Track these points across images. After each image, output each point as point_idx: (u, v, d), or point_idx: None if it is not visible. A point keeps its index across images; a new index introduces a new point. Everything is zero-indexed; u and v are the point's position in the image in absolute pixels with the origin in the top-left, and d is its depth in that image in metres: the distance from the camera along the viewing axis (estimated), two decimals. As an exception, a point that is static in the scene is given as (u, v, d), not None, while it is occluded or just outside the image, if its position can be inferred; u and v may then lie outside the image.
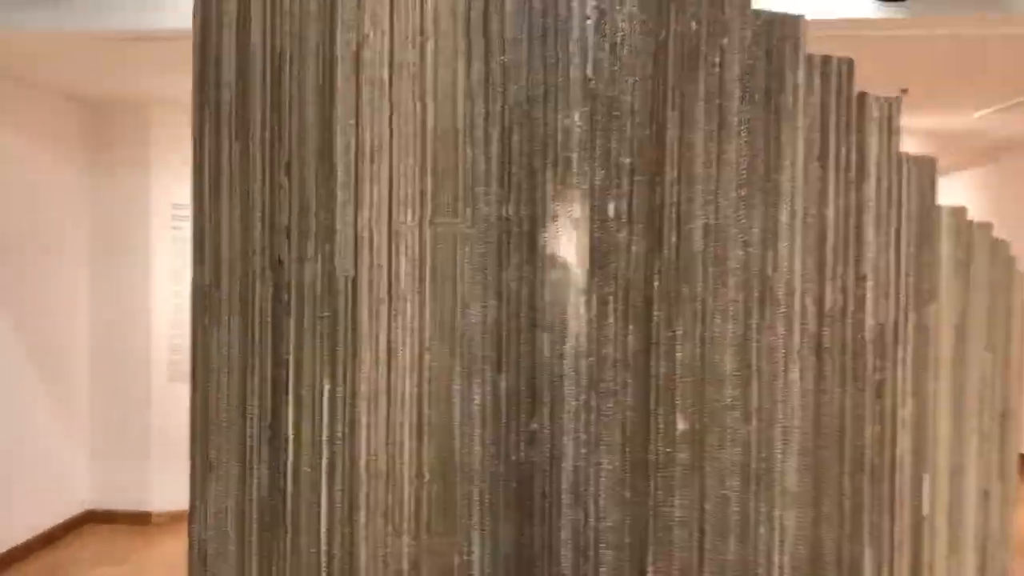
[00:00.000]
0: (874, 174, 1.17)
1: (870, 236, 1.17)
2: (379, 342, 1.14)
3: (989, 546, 1.33)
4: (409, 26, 1.13)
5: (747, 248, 1.13)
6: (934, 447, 1.23)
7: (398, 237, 1.13)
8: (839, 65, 1.15)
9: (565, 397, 1.11)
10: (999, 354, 1.34)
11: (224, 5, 1.18)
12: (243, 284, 1.18)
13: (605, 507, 1.11)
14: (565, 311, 1.11)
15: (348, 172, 1.14)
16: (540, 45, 1.11)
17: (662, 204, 1.11)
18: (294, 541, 1.17)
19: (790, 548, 1.14)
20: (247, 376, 1.18)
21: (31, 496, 4.91)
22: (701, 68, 1.11)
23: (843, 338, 1.16)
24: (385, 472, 1.14)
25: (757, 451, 1.13)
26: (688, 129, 1.11)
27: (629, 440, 1.11)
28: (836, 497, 1.16)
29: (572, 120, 1.10)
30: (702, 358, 1.12)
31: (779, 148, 1.13)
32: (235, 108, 1.18)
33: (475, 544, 1.12)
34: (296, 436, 1.16)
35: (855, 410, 1.17)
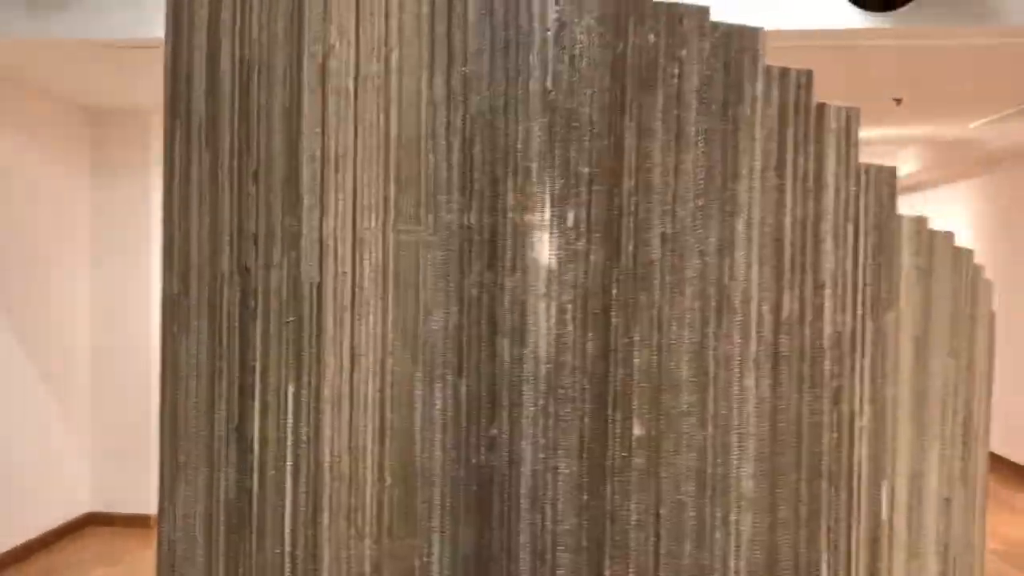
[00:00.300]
0: (832, 184, 1.19)
1: (828, 245, 1.19)
2: (343, 347, 1.16)
3: (952, 552, 1.35)
4: (374, 37, 1.15)
5: (704, 257, 1.15)
6: (893, 454, 1.24)
7: (362, 244, 1.15)
8: (798, 77, 1.17)
9: (524, 402, 1.13)
10: (962, 361, 1.35)
11: (195, 18, 1.21)
12: (211, 290, 1.20)
13: (562, 511, 1.13)
14: (525, 318, 1.13)
15: (314, 180, 1.16)
16: (502, 57, 1.13)
17: (620, 213, 1.13)
18: (259, 542, 1.19)
19: (746, 553, 1.16)
20: (215, 381, 1.21)
21: (32, 498, 4.95)
22: (659, 80, 1.13)
23: (800, 346, 1.18)
24: (348, 475, 1.16)
25: (713, 457, 1.15)
26: (646, 140, 1.13)
27: (586, 445, 1.13)
28: (793, 503, 1.18)
29: (532, 130, 1.12)
30: (659, 365, 1.14)
31: (736, 158, 1.15)
32: (205, 118, 1.20)
33: (435, 547, 1.14)
34: (262, 439, 1.18)
35: (812, 417, 1.18)
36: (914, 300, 1.26)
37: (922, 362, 1.28)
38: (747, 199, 1.15)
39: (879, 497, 1.24)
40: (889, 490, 1.24)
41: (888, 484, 1.24)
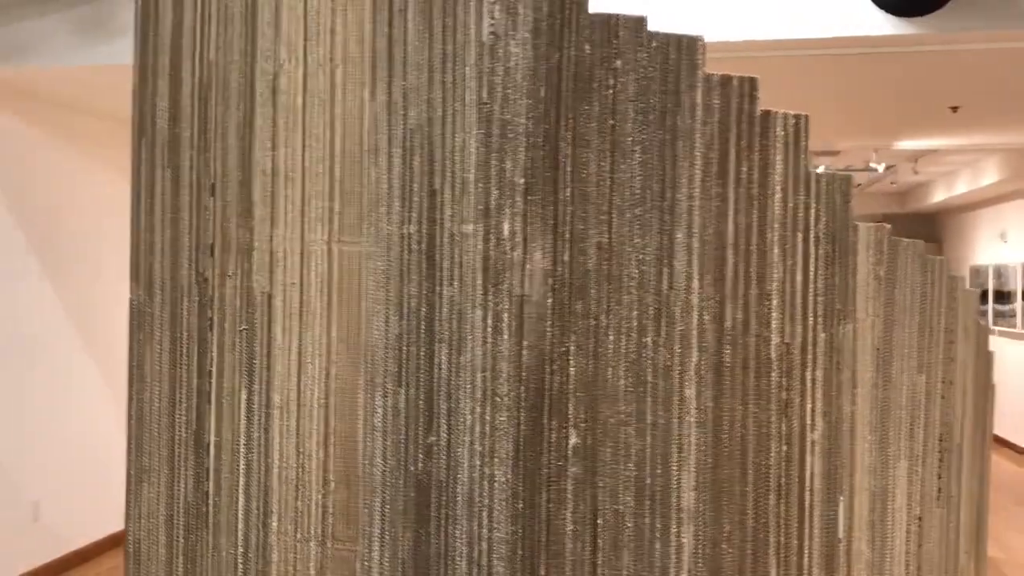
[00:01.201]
0: (779, 193, 1.17)
1: (775, 255, 1.17)
2: (291, 355, 1.20)
3: (925, 571, 1.30)
4: (321, 54, 1.19)
5: (641, 266, 1.14)
6: (851, 469, 1.21)
7: (309, 255, 1.19)
8: (740, 85, 1.16)
9: (461, 410, 1.14)
10: (936, 376, 1.30)
11: (159, 43, 1.26)
12: (173, 300, 1.26)
13: (498, 519, 1.13)
14: (462, 327, 1.14)
15: (265, 193, 1.21)
16: (440, 70, 1.15)
17: (556, 223, 1.13)
18: (215, 542, 1.23)
19: (688, 566, 1.14)
20: (176, 387, 1.25)
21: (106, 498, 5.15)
22: (595, 90, 1.13)
23: (745, 356, 1.16)
24: (295, 480, 1.19)
25: (652, 467, 1.14)
26: (582, 150, 1.14)
27: (522, 453, 1.13)
28: (738, 516, 1.16)
29: (468, 142, 1.14)
30: (595, 374, 1.13)
31: (675, 167, 1.14)
32: (168, 136, 1.26)
33: (375, 551, 1.16)
34: (217, 443, 1.23)
35: (759, 429, 1.16)
36: (875, 311, 1.23)
37: (885, 376, 1.24)
38: (687, 208, 1.15)
39: (835, 513, 1.20)
40: (846, 507, 1.21)
41: (845, 500, 1.21)
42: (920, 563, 1.29)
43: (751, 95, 1.16)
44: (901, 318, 1.25)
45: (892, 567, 1.25)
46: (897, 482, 1.26)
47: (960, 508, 1.39)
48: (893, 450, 1.25)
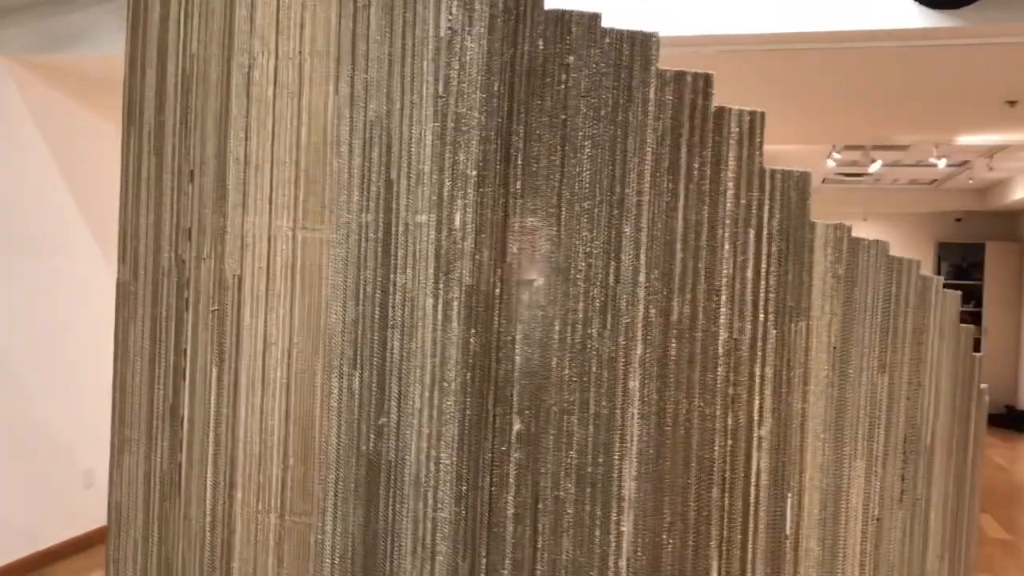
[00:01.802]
0: (731, 189, 1.17)
1: (726, 251, 1.18)
2: (257, 336, 1.25)
3: (883, 573, 1.29)
4: (291, 48, 1.24)
5: (589, 259, 1.16)
6: (800, 466, 1.21)
7: (275, 241, 1.24)
8: (694, 81, 1.17)
9: (411, 394, 1.18)
10: (901, 377, 1.29)
11: (147, 37, 1.33)
12: (154, 280, 1.33)
13: (442, 499, 1.17)
14: (414, 313, 1.18)
15: (238, 181, 1.26)
16: (399, 64, 1.19)
17: (506, 215, 1.16)
18: (186, 510, 1.30)
19: (628, 554, 1.16)
20: (155, 363, 1.33)
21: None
22: (547, 85, 1.16)
23: (691, 351, 1.17)
24: (258, 454, 1.25)
25: (594, 456, 1.16)
26: (533, 143, 1.16)
27: (467, 437, 1.17)
28: (680, 507, 1.17)
29: (424, 134, 1.17)
30: (541, 363, 1.16)
31: (625, 162, 1.16)
32: (154, 125, 1.33)
33: (328, 525, 1.21)
34: (190, 417, 1.29)
35: (703, 423, 1.17)
36: (831, 310, 1.22)
37: (842, 374, 1.23)
38: (636, 203, 1.16)
39: (783, 510, 1.21)
40: (795, 504, 1.21)
41: (794, 497, 1.21)
42: (877, 564, 1.28)
43: (705, 91, 1.17)
44: (861, 317, 1.24)
45: (845, 567, 1.25)
46: (852, 482, 1.25)
47: (930, 511, 1.38)
48: (849, 449, 1.25)
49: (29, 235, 4.28)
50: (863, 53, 3.25)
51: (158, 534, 1.32)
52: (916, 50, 3.04)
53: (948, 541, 1.44)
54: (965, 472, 1.49)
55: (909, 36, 2.72)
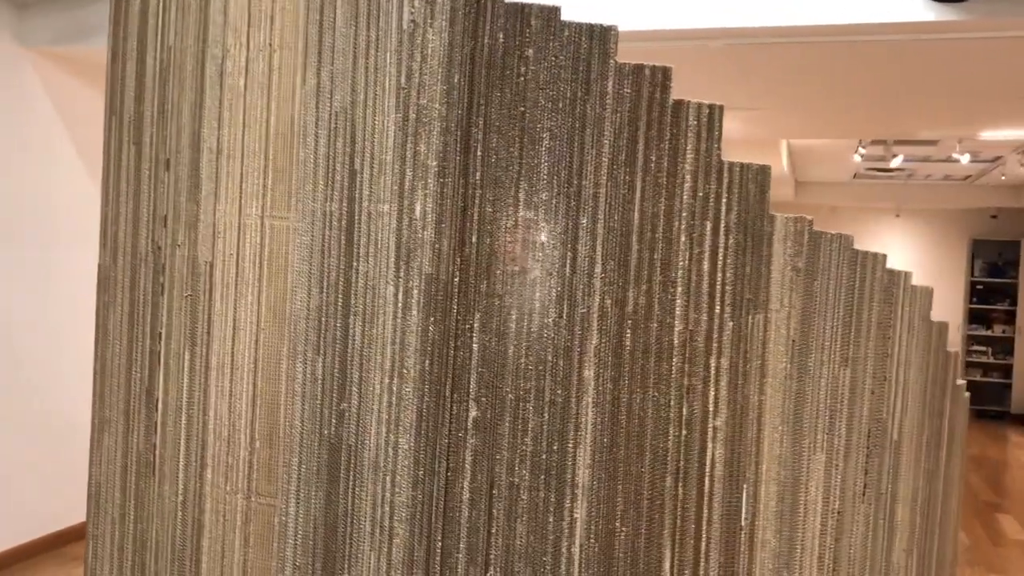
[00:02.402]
0: (689, 181, 1.18)
1: (682, 243, 1.19)
2: (227, 321, 1.28)
3: (844, 568, 1.30)
4: (261, 40, 1.26)
5: (546, 250, 1.18)
6: (756, 458, 1.22)
7: (245, 229, 1.27)
8: (652, 74, 1.18)
9: (371, 380, 1.21)
10: (865, 371, 1.30)
11: (128, 28, 1.37)
12: (132, 266, 1.36)
13: (400, 483, 1.20)
14: (375, 301, 1.21)
15: (211, 169, 1.29)
16: (363, 56, 1.21)
17: (465, 206, 1.18)
18: (160, 490, 1.34)
19: (581, 540, 1.18)
20: (133, 346, 1.36)
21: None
22: (506, 78, 1.17)
23: (646, 341, 1.18)
24: (227, 436, 1.29)
25: (548, 443, 1.18)
26: (492, 135, 1.18)
27: (424, 423, 1.19)
28: (633, 496, 1.19)
29: (387, 125, 1.20)
30: (497, 351, 1.18)
31: (583, 155, 1.17)
32: (133, 115, 1.36)
33: (291, 507, 1.24)
34: (164, 399, 1.33)
35: (657, 412, 1.19)
36: (790, 303, 1.23)
37: (800, 368, 1.24)
38: (592, 194, 1.17)
39: (738, 500, 1.22)
40: (751, 495, 1.22)
41: (749, 488, 1.22)
42: (838, 557, 1.29)
43: (663, 84, 1.18)
44: (822, 310, 1.25)
45: (803, 558, 1.26)
46: (812, 474, 1.26)
47: (897, 506, 1.38)
48: (808, 442, 1.25)
49: (55, 224, 4.38)
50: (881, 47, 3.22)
51: (134, 512, 1.37)
52: (931, 44, 3.01)
53: (918, 536, 1.44)
54: (938, 468, 1.49)
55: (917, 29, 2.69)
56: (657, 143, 1.18)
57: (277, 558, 1.25)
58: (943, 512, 1.54)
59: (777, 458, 1.23)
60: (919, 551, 1.45)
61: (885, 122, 4.74)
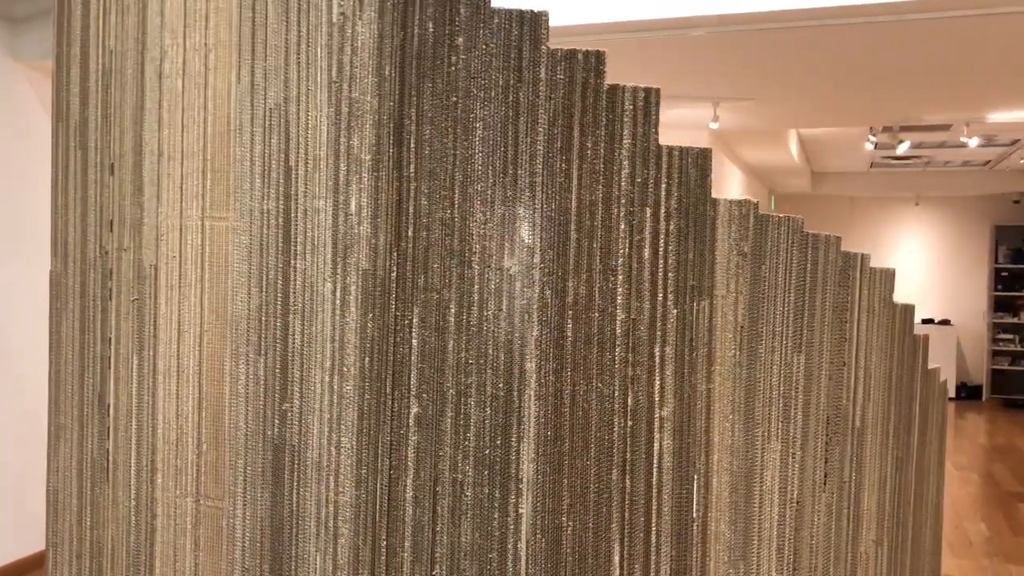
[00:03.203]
0: (627, 167, 1.16)
1: (621, 230, 1.16)
2: (172, 324, 1.28)
3: (806, 560, 1.27)
4: (197, 40, 1.26)
5: (483, 241, 1.16)
6: (706, 448, 1.19)
7: (186, 230, 1.27)
8: (586, 59, 1.15)
9: (312, 379, 1.19)
10: (821, 357, 1.26)
11: (72, 34, 1.37)
12: (82, 272, 1.36)
13: (343, 483, 1.18)
14: (313, 299, 1.19)
15: (153, 172, 1.29)
16: (295, 51, 1.20)
17: (400, 199, 1.17)
18: (114, 496, 1.33)
19: (527, 536, 1.16)
20: (84, 352, 1.36)
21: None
22: (438, 68, 1.16)
23: (588, 331, 1.16)
24: (175, 440, 1.28)
25: (491, 438, 1.16)
26: (425, 126, 1.16)
27: (366, 421, 1.18)
28: (580, 489, 1.16)
29: (320, 120, 1.18)
30: (437, 346, 1.16)
31: (517, 143, 1.15)
32: (78, 120, 1.36)
33: (238, 509, 1.23)
34: (116, 405, 1.33)
35: (602, 404, 1.16)
36: (736, 288, 1.20)
37: (750, 354, 1.21)
38: (529, 183, 1.15)
39: (689, 492, 1.19)
40: (701, 485, 1.19)
41: (700, 479, 1.19)
42: (798, 548, 1.26)
43: (597, 69, 1.16)
44: (771, 295, 1.22)
45: (760, 549, 1.23)
46: (766, 464, 1.23)
47: (862, 494, 1.34)
48: (762, 431, 1.22)
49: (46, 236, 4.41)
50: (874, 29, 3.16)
51: (90, 518, 1.36)
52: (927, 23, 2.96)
53: (888, 526, 1.40)
54: (909, 455, 1.46)
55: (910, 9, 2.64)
56: (593, 129, 1.15)
57: (227, 560, 1.24)
58: (918, 501, 1.50)
59: (729, 448, 1.20)
60: (890, 541, 1.41)
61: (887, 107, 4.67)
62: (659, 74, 4.06)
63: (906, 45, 3.38)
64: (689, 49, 3.37)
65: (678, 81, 4.23)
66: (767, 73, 3.90)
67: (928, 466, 1.56)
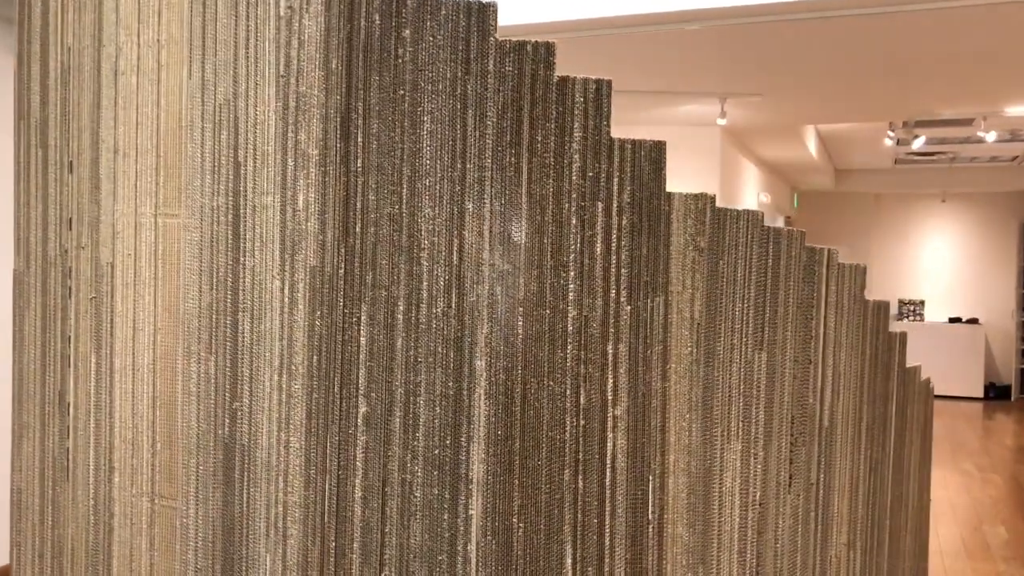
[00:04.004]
0: (578, 161, 1.13)
1: (572, 225, 1.14)
2: (127, 322, 1.27)
3: (770, 563, 1.23)
4: (150, 36, 1.25)
5: (432, 237, 1.14)
6: (661, 448, 1.16)
7: (140, 228, 1.26)
8: (535, 50, 1.13)
9: (262, 378, 1.18)
10: (784, 355, 1.23)
11: (32, 31, 1.36)
12: (44, 270, 1.36)
13: (292, 483, 1.17)
14: (262, 296, 1.18)
15: (109, 169, 1.28)
16: (244, 46, 1.19)
17: (347, 194, 1.15)
18: (74, 494, 1.33)
19: (477, 538, 1.14)
20: (46, 350, 1.36)
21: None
22: (385, 60, 1.14)
23: (539, 329, 1.13)
24: (131, 439, 1.27)
25: (441, 438, 1.14)
26: (373, 120, 1.14)
27: (314, 421, 1.16)
28: (531, 490, 1.14)
29: (267, 115, 1.17)
30: (386, 344, 1.14)
31: (466, 137, 1.13)
32: (40, 118, 1.36)
33: (191, 509, 1.22)
34: (76, 404, 1.32)
35: (553, 402, 1.14)
36: (693, 284, 1.17)
37: (708, 352, 1.18)
38: (477, 178, 1.13)
39: (644, 493, 1.16)
40: (656, 486, 1.16)
41: (655, 480, 1.17)
42: (761, 552, 1.22)
43: (547, 61, 1.13)
44: (730, 291, 1.19)
45: (720, 553, 1.20)
46: (726, 464, 1.20)
47: (832, 496, 1.31)
48: (721, 430, 1.19)
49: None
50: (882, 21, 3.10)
51: (52, 518, 1.36)
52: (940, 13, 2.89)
53: (862, 529, 1.36)
54: (884, 456, 1.42)
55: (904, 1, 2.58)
56: (543, 122, 1.13)
57: (180, 561, 1.23)
58: (897, 503, 1.46)
59: (686, 448, 1.18)
60: (864, 545, 1.37)
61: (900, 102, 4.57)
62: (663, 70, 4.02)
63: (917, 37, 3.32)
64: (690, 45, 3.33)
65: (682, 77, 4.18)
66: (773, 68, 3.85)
67: (909, 467, 1.51)
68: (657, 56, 3.59)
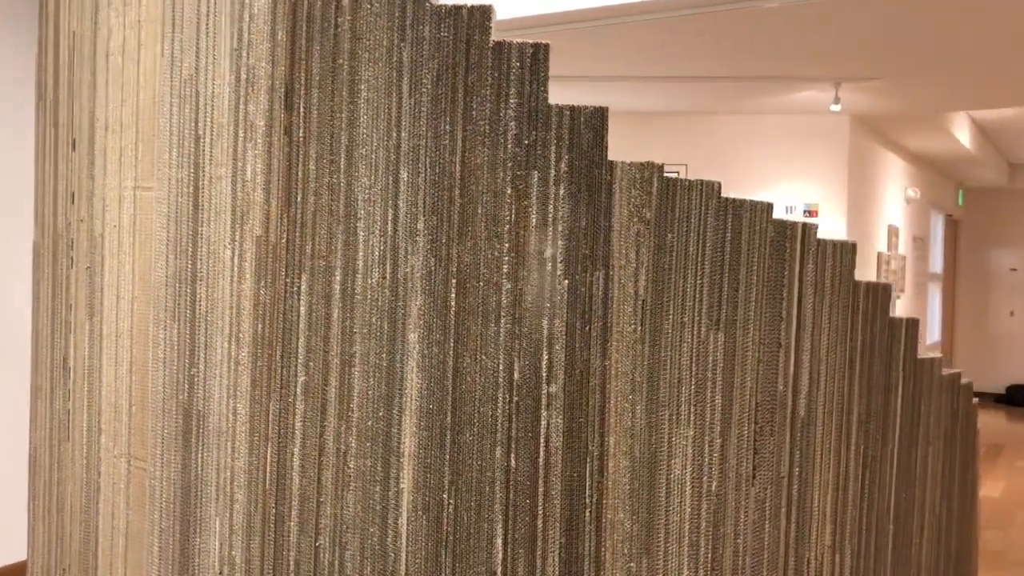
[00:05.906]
0: (514, 128, 1.10)
1: (508, 195, 1.10)
2: (113, 291, 1.33)
3: (729, 559, 1.15)
4: (132, 17, 1.30)
5: (368, 206, 1.13)
6: (600, 430, 1.11)
7: (123, 200, 1.32)
8: (471, 15, 1.10)
9: (216, 346, 1.21)
10: (746, 336, 1.15)
11: (48, 17, 1.45)
12: (54, 242, 1.45)
13: (239, 449, 1.19)
14: (216, 266, 1.21)
15: (101, 144, 1.35)
16: (205, 22, 1.22)
17: (290, 164, 1.16)
18: (73, 452, 1.41)
19: (408, 512, 1.12)
20: (54, 317, 1.45)
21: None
22: (325, 30, 1.14)
23: (473, 302, 1.11)
24: (114, 403, 1.33)
25: (374, 409, 1.13)
26: (314, 90, 1.15)
27: (258, 388, 1.18)
28: (461, 466, 1.11)
29: (222, 88, 1.20)
30: (324, 314, 1.15)
31: (400, 105, 1.12)
32: (52, 99, 1.45)
33: (157, 471, 1.27)
34: (75, 368, 1.40)
35: (486, 377, 1.10)
36: (637, 259, 1.11)
37: (654, 330, 1.11)
38: (412, 146, 1.11)
39: (580, 475, 1.11)
40: (594, 469, 1.11)
41: (593, 462, 1.11)
42: (718, 545, 1.15)
43: (483, 25, 1.10)
44: (680, 266, 1.11)
45: (668, 544, 1.13)
46: (675, 450, 1.13)
47: (812, 493, 1.21)
48: (669, 413, 1.12)
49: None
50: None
51: (57, 475, 1.44)
52: None
53: (852, 530, 1.26)
54: (885, 454, 1.30)
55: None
56: (478, 89, 1.10)
57: (148, 520, 1.28)
58: (902, 507, 1.34)
59: (628, 430, 1.11)
60: (856, 549, 1.26)
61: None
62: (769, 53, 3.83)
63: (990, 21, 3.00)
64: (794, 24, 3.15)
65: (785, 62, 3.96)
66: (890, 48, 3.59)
67: (925, 469, 1.38)
68: (767, 38, 3.43)
